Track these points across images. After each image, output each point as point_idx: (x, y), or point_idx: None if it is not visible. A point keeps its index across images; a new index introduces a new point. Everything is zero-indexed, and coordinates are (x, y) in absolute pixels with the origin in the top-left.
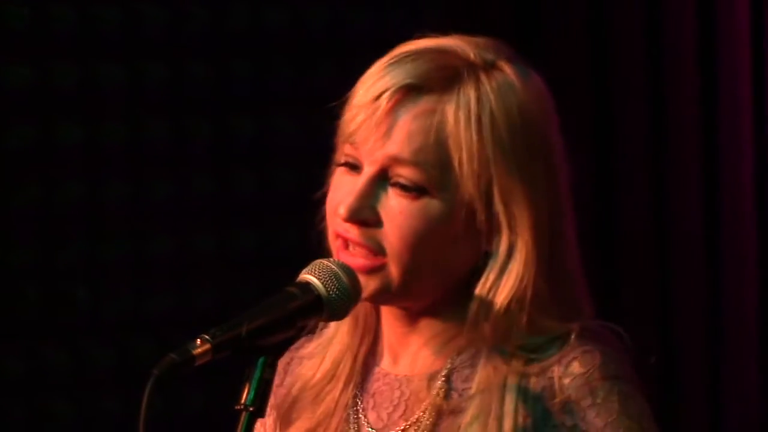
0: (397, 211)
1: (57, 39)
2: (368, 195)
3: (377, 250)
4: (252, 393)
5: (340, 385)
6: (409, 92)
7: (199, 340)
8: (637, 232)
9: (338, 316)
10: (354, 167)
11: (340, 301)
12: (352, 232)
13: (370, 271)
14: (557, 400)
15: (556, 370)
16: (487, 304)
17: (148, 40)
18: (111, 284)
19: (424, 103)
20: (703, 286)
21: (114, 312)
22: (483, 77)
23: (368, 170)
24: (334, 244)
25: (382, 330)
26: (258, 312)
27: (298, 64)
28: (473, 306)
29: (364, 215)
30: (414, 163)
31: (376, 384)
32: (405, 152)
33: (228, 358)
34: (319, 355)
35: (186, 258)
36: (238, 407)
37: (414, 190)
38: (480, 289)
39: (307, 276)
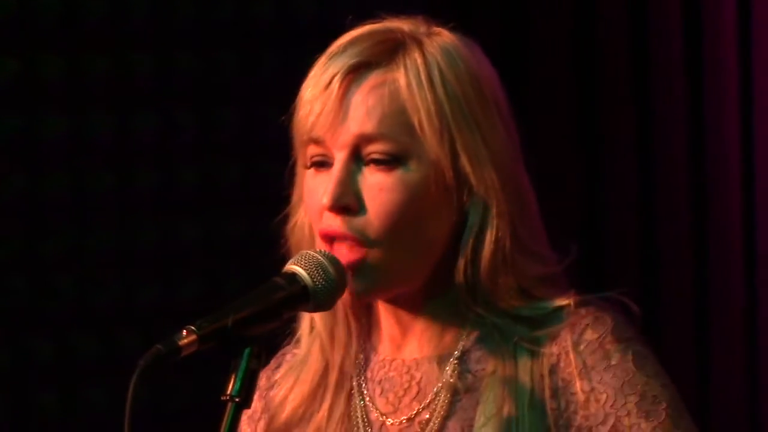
0: (377, 188)
1: (43, 31)
2: (347, 180)
3: (362, 240)
4: (238, 384)
5: (329, 396)
6: (357, 71)
7: (185, 331)
8: (623, 233)
9: (324, 306)
10: (323, 164)
11: (326, 291)
12: (336, 223)
13: (359, 266)
14: (573, 367)
15: (569, 338)
16: (473, 261)
17: (135, 33)
18: (97, 275)
19: (374, 77)
20: (690, 286)
21: (100, 303)
22: (425, 41)
23: (339, 156)
24: (320, 246)
25: (379, 321)
26: (244, 303)
27: (286, 57)
28: (460, 266)
29: (346, 200)
30: (381, 135)
31: (381, 371)
32: (369, 127)
33: (215, 348)
34: (292, 377)
35: (172, 249)
36: (224, 398)
37: (389, 162)
38: (464, 250)
39: (294, 267)
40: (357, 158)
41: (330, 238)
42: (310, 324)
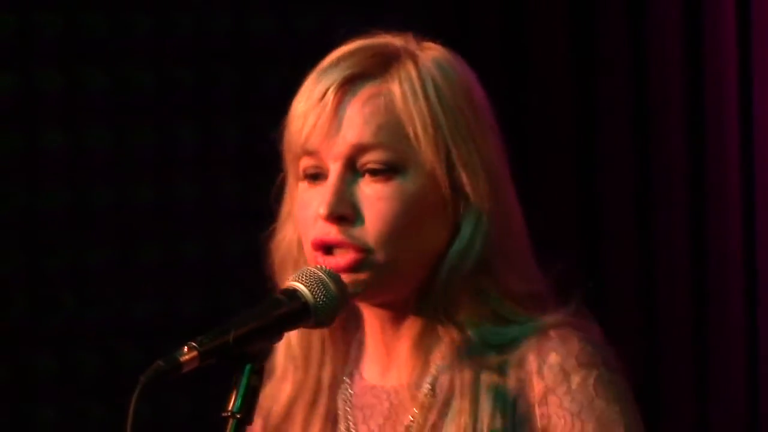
0: (374, 197)
1: (42, 46)
2: (343, 190)
3: (359, 246)
4: (239, 400)
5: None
6: (351, 83)
7: (186, 347)
8: (620, 233)
9: (325, 323)
10: (317, 177)
11: (326, 308)
12: (333, 232)
13: (356, 266)
14: (536, 392)
15: (534, 362)
16: (458, 269)
17: (134, 48)
18: (97, 290)
19: (369, 88)
20: (689, 286)
21: (100, 318)
22: (418, 54)
23: (335, 167)
24: (314, 256)
25: (364, 345)
26: (245, 319)
27: (287, 72)
28: (443, 275)
29: (343, 210)
30: (377, 144)
31: (364, 398)
32: (366, 137)
33: (215, 365)
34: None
35: (172, 264)
36: (225, 414)
37: (385, 171)
38: (452, 259)
39: (294, 283)
40: (353, 169)
41: (325, 247)
42: (287, 346)
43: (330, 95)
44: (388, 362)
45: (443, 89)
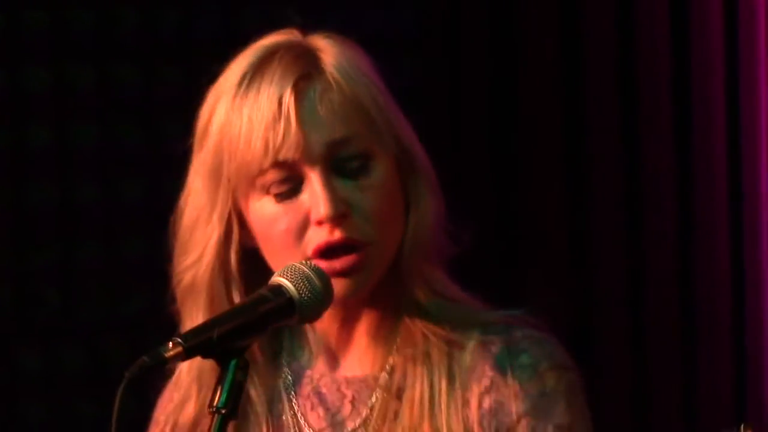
0: (360, 191)
1: (29, 43)
2: (333, 189)
3: (362, 238)
4: (224, 396)
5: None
6: (298, 86)
7: (171, 342)
8: (608, 234)
9: (310, 318)
10: (287, 192)
11: (312, 303)
12: (337, 233)
13: (358, 267)
14: (510, 390)
15: (506, 360)
16: (417, 246)
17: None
18: (83, 286)
19: (315, 86)
20: (677, 286)
21: (86, 314)
22: (327, 44)
23: (316, 169)
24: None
25: (306, 332)
26: (230, 315)
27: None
28: (407, 250)
29: (342, 208)
30: (349, 137)
31: (308, 387)
32: (337, 133)
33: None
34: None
35: (159, 260)
36: (211, 410)
37: (362, 161)
38: (412, 234)
39: (280, 279)
40: (330, 167)
41: (327, 251)
42: (190, 368)
43: (289, 102)
44: (346, 352)
45: (367, 71)
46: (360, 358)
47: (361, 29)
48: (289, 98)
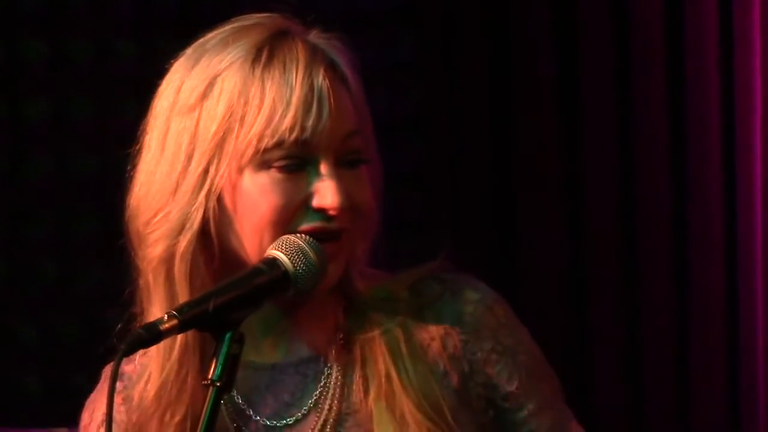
0: (360, 184)
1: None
2: (341, 179)
3: (351, 228)
4: (219, 368)
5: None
6: (328, 71)
7: (166, 315)
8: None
9: (304, 291)
10: (289, 168)
11: (306, 276)
12: (335, 221)
13: (343, 253)
14: (471, 328)
15: (457, 303)
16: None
17: (117, 21)
18: (80, 259)
19: (336, 73)
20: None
21: (83, 287)
22: (317, 35)
23: (328, 157)
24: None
25: (248, 323)
26: (225, 288)
27: None
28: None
29: (347, 201)
30: (358, 131)
31: (253, 379)
32: (352, 124)
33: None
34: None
35: None
36: (206, 383)
37: (358, 154)
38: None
39: (274, 252)
40: (338, 157)
41: (322, 236)
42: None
43: (323, 86)
44: (281, 339)
45: (357, 71)
46: (307, 339)
47: (355, 3)
48: (322, 82)
